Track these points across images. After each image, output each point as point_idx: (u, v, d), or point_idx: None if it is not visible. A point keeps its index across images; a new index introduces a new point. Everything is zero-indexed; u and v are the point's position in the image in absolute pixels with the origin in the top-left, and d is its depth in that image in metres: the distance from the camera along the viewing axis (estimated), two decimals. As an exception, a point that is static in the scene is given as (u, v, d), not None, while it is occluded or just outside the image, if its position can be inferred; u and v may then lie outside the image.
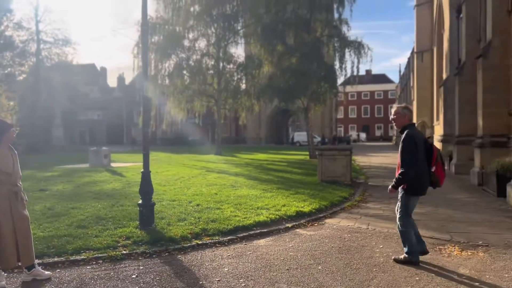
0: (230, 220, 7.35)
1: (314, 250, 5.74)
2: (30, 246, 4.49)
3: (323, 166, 13.49)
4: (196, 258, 5.48)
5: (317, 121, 62.44)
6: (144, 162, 7.00)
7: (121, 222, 7.14)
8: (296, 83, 23.25)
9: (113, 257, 5.39)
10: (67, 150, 42.52)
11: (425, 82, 28.51)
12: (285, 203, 9.11)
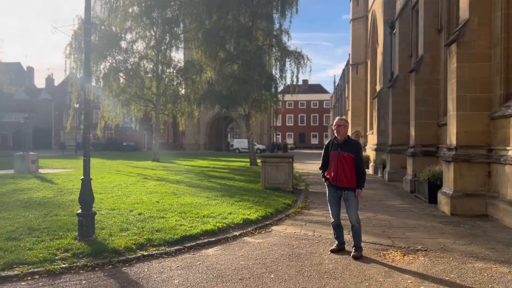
0: (176, 229, 7.12)
1: (265, 258, 5.71)
2: None
3: (266, 173, 13.59)
4: (142, 270, 5.21)
5: (256, 129, 63.20)
6: (84, 168, 6.58)
7: (57, 233, 6.63)
8: (237, 90, 23.30)
9: (51, 271, 4.97)
10: (-13, 155, 39.02)
11: (360, 93, 29.98)
12: (231, 210, 9.02)
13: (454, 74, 9.26)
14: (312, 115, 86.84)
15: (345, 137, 6.06)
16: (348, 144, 6.03)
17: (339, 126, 6.05)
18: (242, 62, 24.30)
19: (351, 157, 5.92)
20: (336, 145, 6.08)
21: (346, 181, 5.92)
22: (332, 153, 6.08)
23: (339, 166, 5.95)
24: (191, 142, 66.36)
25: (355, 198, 5.96)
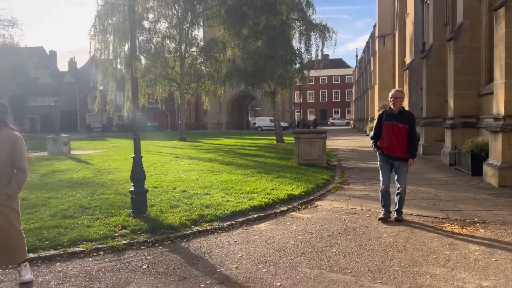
0: (224, 205, 7.15)
1: (321, 233, 5.68)
2: None
3: (299, 149, 13.50)
4: (202, 245, 5.26)
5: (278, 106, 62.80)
6: (134, 146, 6.62)
7: (110, 211, 6.74)
8: (263, 67, 23.02)
9: (115, 247, 5.05)
10: (18, 138, 40.07)
11: (387, 66, 29.23)
12: (272, 186, 9.01)
13: (502, 40, 8.84)
14: (333, 91, 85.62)
15: (400, 109, 6.17)
16: (403, 116, 6.15)
17: (396, 98, 6.16)
18: (267, 38, 23.94)
19: (405, 128, 6.05)
20: (391, 116, 6.19)
21: (399, 151, 6.10)
22: (386, 124, 6.20)
23: (393, 136, 6.10)
24: (213, 122, 66.61)
25: (406, 168, 6.21)
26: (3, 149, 3.86)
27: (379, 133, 6.35)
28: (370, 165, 14.08)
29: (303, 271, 4.17)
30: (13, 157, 3.89)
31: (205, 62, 31.50)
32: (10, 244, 3.90)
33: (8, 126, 3.99)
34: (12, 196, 3.88)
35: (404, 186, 6.22)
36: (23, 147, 3.95)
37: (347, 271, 4.14)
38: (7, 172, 3.90)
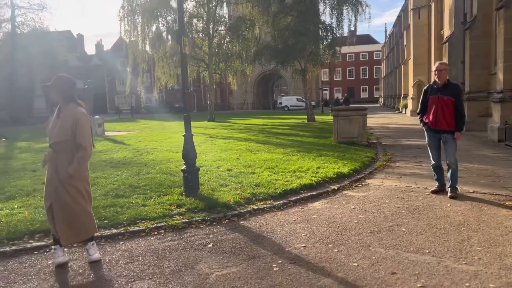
0: (274, 184, 7.00)
1: (382, 212, 5.46)
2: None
3: (338, 127, 13.17)
4: (261, 223, 5.13)
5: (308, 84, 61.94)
6: (185, 124, 6.52)
7: (161, 190, 6.70)
8: (294, 44, 22.51)
9: (174, 226, 4.99)
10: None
11: (422, 39, 28.10)
12: (318, 165, 8.79)
13: None
14: (361, 68, 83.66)
15: (445, 81, 6.06)
16: (448, 88, 6.05)
17: (440, 70, 6.03)
18: (297, 13, 23.32)
19: (451, 100, 5.97)
20: (436, 89, 6.11)
21: (446, 124, 6.03)
22: (432, 98, 6.14)
23: (438, 109, 6.03)
24: (238, 102, 66.43)
25: (453, 140, 6.08)
26: (66, 126, 3.79)
27: (425, 108, 6.29)
28: (412, 143, 13.65)
29: (377, 251, 3.98)
30: (75, 134, 3.82)
31: (233, 41, 31.09)
32: (74, 221, 3.87)
33: (75, 102, 3.92)
34: (73, 175, 3.82)
35: (454, 159, 6.08)
36: (85, 124, 3.86)
37: (425, 251, 3.93)
38: (71, 149, 3.85)
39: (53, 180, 3.81)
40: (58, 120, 3.83)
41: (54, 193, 3.80)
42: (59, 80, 3.88)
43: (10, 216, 5.34)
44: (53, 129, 3.81)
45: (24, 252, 4.30)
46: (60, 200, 3.79)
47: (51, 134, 3.82)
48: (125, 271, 3.76)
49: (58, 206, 3.80)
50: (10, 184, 7.70)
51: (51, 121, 3.91)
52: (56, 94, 3.84)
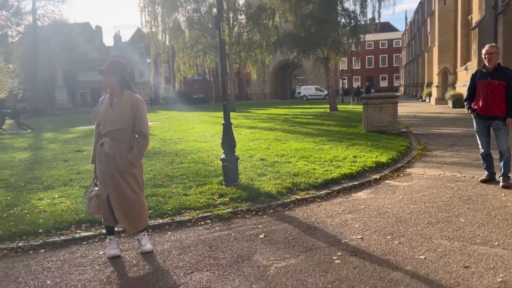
0: (313, 173, 6.81)
1: (434, 202, 5.23)
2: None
3: (368, 115, 12.86)
4: (307, 214, 4.97)
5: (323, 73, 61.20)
6: (224, 112, 6.37)
7: (198, 179, 6.60)
8: (317, 31, 22.08)
9: (220, 216, 4.87)
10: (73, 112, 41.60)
11: (448, 26, 27.26)
12: (354, 154, 8.57)
13: None
14: (380, 56, 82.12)
15: (495, 65, 5.79)
16: (499, 72, 5.78)
17: (491, 54, 5.76)
18: (320, 0, 22.83)
19: (502, 85, 5.70)
20: (485, 74, 5.87)
21: (497, 110, 5.78)
22: (481, 83, 5.90)
23: (488, 95, 5.79)
24: (256, 92, 66.10)
25: (505, 127, 5.82)
26: (125, 112, 3.67)
27: (473, 94, 6.04)
28: (444, 131, 13.27)
29: (442, 244, 3.78)
30: (134, 120, 3.70)
31: (253, 30, 30.76)
32: (131, 210, 3.76)
33: (130, 88, 3.79)
34: (134, 163, 3.71)
35: (506, 147, 5.82)
36: (144, 111, 3.75)
37: (494, 244, 3.71)
38: (129, 137, 3.73)
39: (110, 169, 3.69)
40: (113, 107, 3.70)
41: (111, 183, 3.69)
42: (114, 64, 3.76)
43: (53, 206, 5.31)
44: (108, 117, 3.67)
45: (73, 242, 4.24)
46: (118, 190, 3.68)
47: (107, 122, 3.67)
48: (180, 262, 3.65)
49: (116, 196, 3.69)
50: (46, 174, 7.71)
51: (100, 109, 3.76)
52: (113, 79, 3.71)
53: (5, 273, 3.56)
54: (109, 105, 3.71)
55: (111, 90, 3.74)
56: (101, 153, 3.72)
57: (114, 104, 3.70)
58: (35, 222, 4.62)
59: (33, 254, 3.99)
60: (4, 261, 3.83)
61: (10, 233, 4.33)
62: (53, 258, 3.86)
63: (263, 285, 3.14)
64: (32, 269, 3.62)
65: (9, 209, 5.22)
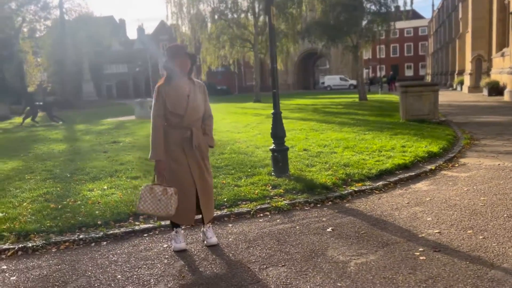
0: (364, 164, 6.54)
1: (505, 193, 4.91)
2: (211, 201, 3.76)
3: (407, 104, 12.42)
4: (370, 206, 4.72)
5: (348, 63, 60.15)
6: (274, 101, 6.17)
7: (245, 170, 6.42)
8: (347, 19, 21.54)
9: (279, 208, 4.68)
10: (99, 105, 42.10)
11: (482, 11, 26.20)
12: (401, 144, 8.24)
13: None
14: (405, 45, 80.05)
15: None
16: None
17: None
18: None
19: None
20: None
21: None
22: None
23: None
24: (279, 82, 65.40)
25: None
26: (201, 100, 3.58)
27: None
28: (486, 120, 12.76)
29: (533, 239, 3.49)
30: (205, 106, 3.57)
31: (279, 19, 30.27)
32: (211, 197, 3.72)
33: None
34: (213, 147, 3.72)
35: None
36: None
37: None
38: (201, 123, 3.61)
39: (195, 159, 3.54)
40: (191, 96, 3.50)
41: (198, 172, 3.54)
42: (183, 49, 3.57)
43: (104, 197, 5.21)
44: (189, 106, 3.48)
45: (134, 234, 4.12)
46: (202, 178, 3.57)
47: (188, 111, 3.47)
48: (251, 256, 3.47)
49: (202, 185, 3.57)
50: (89, 165, 7.66)
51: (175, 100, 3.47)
52: (188, 64, 3.53)
53: (72, 266, 3.45)
54: (184, 95, 3.50)
55: (178, 76, 3.53)
56: (182, 145, 3.49)
57: (190, 92, 3.51)
58: (92, 214, 4.52)
59: (95, 246, 3.88)
60: (68, 254, 3.73)
61: (69, 225, 4.24)
62: (117, 251, 3.74)
63: (348, 283, 2.92)
64: (98, 263, 3.51)
65: (62, 200, 5.16)
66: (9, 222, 4.34)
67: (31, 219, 4.42)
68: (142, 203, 3.36)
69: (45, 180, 6.45)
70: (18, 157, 9.28)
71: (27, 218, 4.45)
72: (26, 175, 6.98)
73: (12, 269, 3.46)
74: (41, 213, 4.64)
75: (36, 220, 4.39)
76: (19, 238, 4.01)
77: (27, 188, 5.91)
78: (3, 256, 3.74)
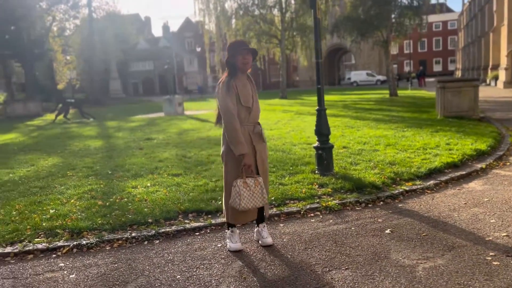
0: (411, 162, 6.32)
1: None
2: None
3: (445, 100, 12.00)
4: (425, 207, 4.53)
5: (374, 58, 59.16)
6: (318, 97, 6.00)
7: (287, 168, 6.31)
8: (378, 13, 21.06)
9: (330, 208, 4.54)
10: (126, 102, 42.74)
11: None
12: (446, 141, 7.94)
13: None
14: (434, 39, 78.04)
15: None
16: None
17: None
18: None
19: None
20: None
21: None
22: None
23: None
24: (304, 79, 64.96)
25: None
26: (256, 94, 3.49)
27: None
28: (530, 116, 12.23)
29: None
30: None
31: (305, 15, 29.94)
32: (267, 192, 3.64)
33: None
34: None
35: None
36: None
37: None
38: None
39: (262, 157, 3.52)
40: (253, 92, 3.47)
41: (262, 167, 3.53)
42: (245, 44, 3.47)
43: (150, 195, 5.19)
44: (252, 102, 3.43)
45: (185, 233, 4.06)
46: (266, 177, 3.59)
47: (253, 105, 3.44)
48: (310, 258, 3.35)
49: (267, 183, 3.63)
50: (127, 162, 7.71)
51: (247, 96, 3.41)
52: (251, 60, 3.45)
53: (129, 265, 3.42)
54: (249, 89, 3.45)
55: (241, 73, 3.45)
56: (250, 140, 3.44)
57: (251, 89, 3.46)
58: (141, 212, 4.50)
59: (148, 245, 3.84)
60: (122, 252, 3.71)
61: (120, 223, 4.22)
62: (172, 250, 3.69)
63: (421, 289, 2.77)
64: (154, 262, 3.46)
65: (108, 198, 5.17)
66: (61, 219, 4.36)
67: (82, 216, 4.43)
68: (244, 201, 3.27)
69: (87, 177, 6.51)
70: (56, 153, 9.44)
71: (77, 215, 4.47)
72: (67, 171, 7.07)
73: (69, 267, 3.45)
74: (90, 210, 4.65)
75: (87, 217, 4.39)
76: (72, 235, 4.02)
77: (72, 185, 5.96)
78: (58, 253, 3.74)
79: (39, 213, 4.65)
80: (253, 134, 3.46)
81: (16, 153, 9.83)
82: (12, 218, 4.51)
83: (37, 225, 4.23)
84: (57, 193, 5.56)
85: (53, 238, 3.98)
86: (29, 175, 6.94)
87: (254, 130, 3.48)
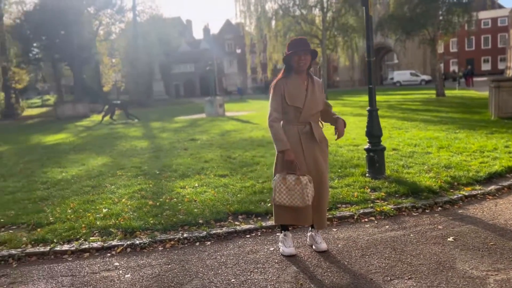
0: (468, 166, 5.97)
1: None
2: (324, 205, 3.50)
3: (500, 100, 11.38)
4: (489, 214, 4.24)
5: (418, 57, 57.34)
6: (370, 97, 5.82)
7: (335, 170, 6.13)
8: (425, 11, 20.32)
9: (385, 213, 4.34)
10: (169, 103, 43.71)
11: None
12: (505, 144, 7.48)
13: None
14: (482, 37, 74.47)
15: None
16: None
17: None
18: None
19: None
20: None
21: None
22: None
23: None
24: (345, 79, 63.92)
25: None
26: (320, 94, 3.45)
27: None
28: None
29: None
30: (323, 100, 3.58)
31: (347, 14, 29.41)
32: (326, 200, 3.54)
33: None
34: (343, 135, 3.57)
35: None
36: None
37: None
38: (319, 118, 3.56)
39: (313, 154, 3.39)
40: (309, 90, 3.36)
41: (315, 168, 3.38)
42: (304, 44, 3.38)
43: (198, 195, 5.19)
44: (308, 101, 3.34)
45: (236, 235, 4.01)
46: (320, 176, 3.41)
47: (308, 106, 3.34)
48: (369, 266, 3.20)
49: (325, 187, 3.45)
50: (174, 162, 7.79)
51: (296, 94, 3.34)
52: (309, 61, 3.38)
53: (182, 267, 3.40)
54: (302, 89, 3.35)
55: (297, 71, 3.36)
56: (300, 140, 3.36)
57: (308, 87, 3.36)
58: (192, 212, 4.50)
59: (200, 246, 3.82)
60: (175, 253, 3.70)
61: (172, 223, 4.23)
62: (224, 252, 3.64)
63: (496, 303, 2.56)
64: (207, 264, 3.42)
65: (158, 198, 5.21)
66: (114, 218, 4.43)
67: (134, 216, 4.48)
68: (278, 195, 3.29)
69: (136, 177, 6.62)
70: (105, 153, 9.72)
71: (130, 215, 4.52)
72: (117, 171, 7.24)
73: (124, 267, 3.48)
74: (142, 210, 4.70)
75: (139, 217, 4.44)
76: (125, 235, 4.07)
77: (122, 184, 6.08)
78: (113, 252, 3.79)
79: (92, 211, 4.75)
80: (302, 133, 3.36)
81: (68, 153, 10.21)
82: (68, 216, 4.64)
83: (92, 224, 4.32)
84: (108, 192, 5.68)
85: (107, 237, 4.04)
86: (81, 174, 7.16)
87: (304, 130, 3.37)
